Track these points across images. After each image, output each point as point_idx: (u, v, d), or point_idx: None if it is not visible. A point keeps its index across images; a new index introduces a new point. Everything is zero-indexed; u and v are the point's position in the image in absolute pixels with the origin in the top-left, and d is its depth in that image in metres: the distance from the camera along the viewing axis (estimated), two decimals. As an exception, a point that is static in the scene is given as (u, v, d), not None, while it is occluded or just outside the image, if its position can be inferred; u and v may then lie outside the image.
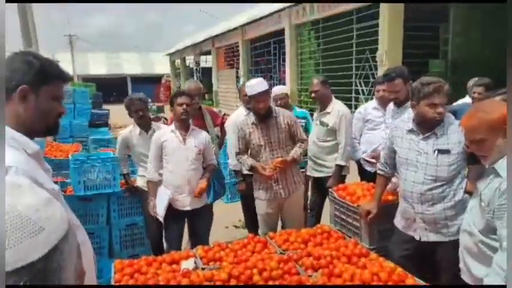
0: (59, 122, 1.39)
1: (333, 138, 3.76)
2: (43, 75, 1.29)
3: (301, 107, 6.59)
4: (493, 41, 7.80)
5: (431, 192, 2.42)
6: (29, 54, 1.32)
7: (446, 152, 2.38)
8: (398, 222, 2.67)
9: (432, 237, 2.48)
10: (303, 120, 4.19)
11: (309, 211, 4.09)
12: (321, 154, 3.83)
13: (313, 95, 3.84)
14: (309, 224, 3.71)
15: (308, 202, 4.14)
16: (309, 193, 4.21)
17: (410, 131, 2.52)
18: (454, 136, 2.39)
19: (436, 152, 2.40)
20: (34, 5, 8.22)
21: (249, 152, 3.37)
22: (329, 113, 3.75)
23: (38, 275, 0.44)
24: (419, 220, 2.50)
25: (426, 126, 2.44)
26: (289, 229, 2.97)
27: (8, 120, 1.24)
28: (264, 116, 3.24)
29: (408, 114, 2.74)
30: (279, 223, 3.58)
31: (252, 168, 3.29)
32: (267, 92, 3.22)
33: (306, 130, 4.06)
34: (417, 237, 2.53)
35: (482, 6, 8.04)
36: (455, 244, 2.25)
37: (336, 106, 3.78)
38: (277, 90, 4.24)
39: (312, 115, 4.41)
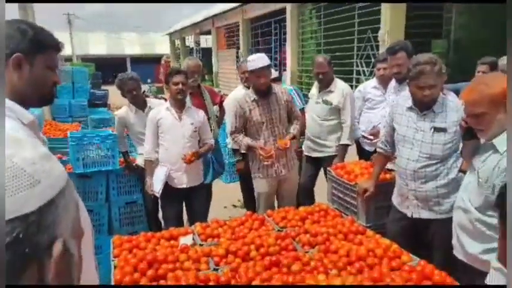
0: (54, 91, 1.38)
1: (335, 117, 3.68)
2: (37, 44, 1.27)
3: (301, 89, 6.55)
4: (495, 21, 7.69)
5: (424, 170, 2.44)
6: (22, 22, 1.29)
7: (443, 130, 2.37)
8: (395, 198, 2.70)
9: (424, 214, 2.51)
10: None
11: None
12: (322, 134, 3.75)
13: (320, 76, 3.67)
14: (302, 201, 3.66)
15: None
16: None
17: (410, 108, 2.51)
18: (452, 114, 2.38)
19: (432, 129, 2.40)
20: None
21: (242, 132, 3.34)
22: (332, 91, 3.67)
23: (31, 227, 0.44)
24: (411, 197, 2.52)
25: (423, 104, 2.43)
26: (286, 207, 2.99)
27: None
28: (264, 92, 3.22)
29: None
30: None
31: (248, 149, 3.28)
32: (268, 68, 3.21)
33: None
34: (409, 214, 2.56)
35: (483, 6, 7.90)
36: (447, 222, 2.27)
37: (339, 85, 3.71)
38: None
39: (306, 96, 4.32)
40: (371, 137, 3.55)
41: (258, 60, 3.15)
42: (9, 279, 0.43)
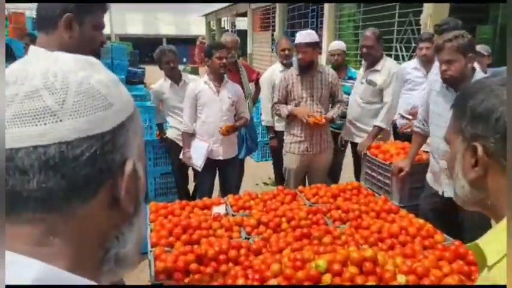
0: (100, 51, 1.43)
1: (379, 99, 3.42)
2: (86, 4, 1.32)
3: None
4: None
5: None
6: None
7: None
8: (428, 176, 2.67)
9: None
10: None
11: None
12: (363, 117, 3.52)
13: (364, 49, 3.44)
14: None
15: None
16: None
17: (447, 87, 2.46)
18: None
19: None
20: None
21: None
22: (378, 70, 3.40)
23: (106, 146, 0.47)
24: (443, 176, 2.50)
25: (452, 85, 2.38)
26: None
27: (53, 47, 1.29)
28: (304, 68, 3.23)
29: None
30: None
31: (287, 117, 3.27)
32: (310, 45, 3.18)
33: None
34: (440, 192, 2.54)
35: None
36: None
37: (388, 63, 3.43)
38: (335, 45, 3.95)
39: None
40: (409, 117, 3.44)
41: (303, 36, 3.18)
42: (87, 193, 0.47)
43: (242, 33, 22.52)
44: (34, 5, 1.45)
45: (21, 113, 0.44)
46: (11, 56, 5.73)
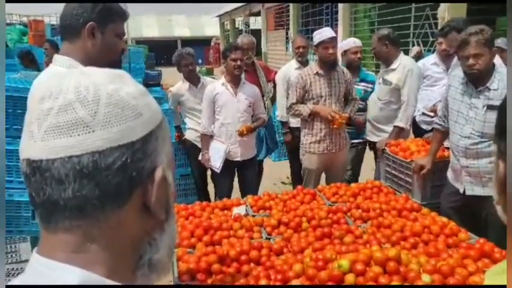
0: (122, 58, 1.47)
1: (397, 99, 3.35)
2: (108, 13, 1.36)
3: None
4: None
5: (476, 146, 2.38)
6: None
7: (497, 108, 2.26)
8: (449, 173, 2.64)
9: (478, 191, 2.44)
10: (370, 85, 3.79)
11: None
12: (381, 119, 3.49)
13: (372, 54, 3.50)
14: None
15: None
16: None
17: (466, 83, 2.43)
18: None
19: (485, 107, 2.32)
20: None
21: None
22: (393, 69, 3.36)
23: (137, 154, 0.49)
24: (464, 173, 2.47)
25: (477, 79, 2.34)
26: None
27: (76, 55, 1.33)
28: (331, 65, 3.22)
29: None
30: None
31: (309, 115, 3.24)
32: (335, 40, 3.21)
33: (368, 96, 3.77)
34: (461, 190, 2.51)
35: None
36: None
37: (403, 61, 3.38)
38: (351, 43, 3.79)
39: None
40: (431, 114, 3.39)
41: (326, 31, 3.18)
42: (119, 200, 0.48)
43: (256, 33, 22.53)
44: (52, 11, 1.49)
45: (56, 126, 0.46)
46: (34, 63, 5.88)
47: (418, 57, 6.37)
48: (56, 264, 0.46)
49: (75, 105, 0.47)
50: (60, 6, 1.41)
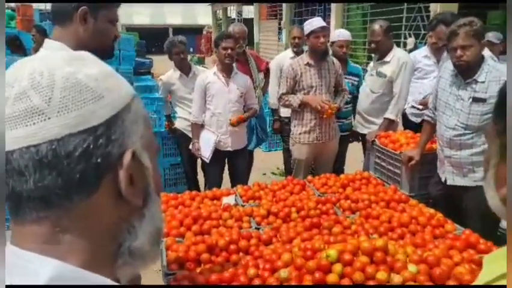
0: (114, 45, 1.44)
1: (390, 91, 3.37)
2: None
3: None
4: None
5: (460, 138, 2.43)
6: None
7: (482, 100, 2.31)
8: (437, 162, 2.70)
9: (459, 181, 2.51)
10: (356, 78, 3.83)
11: None
12: (373, 110, 3.49)
13: (372, 45, 3.40)
14: None
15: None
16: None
17: (455, 75, 2.46)
18: (493, 85, 2.28)
19: (471, 99, 2.36)
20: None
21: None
22: (388, 62, 3.36)
23: (100, 139, 0.47)
24: (447, 163, 2.54)
25: (465, 71, 2.38)
26: (322, 174, 2.99)
27: (68, 40, 1.30)
28: (321, 55, 3.21)
29: None
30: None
31: (299, 106, 3.24)
32: (326, 29, 3.21)
33: (358, 89, 3.78)
34: (443, 179, 2.58)
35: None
36: (482, 190, 2.21)
37: (397, 53, 3.38)
38: (340, 35, 3.76)
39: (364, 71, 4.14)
40: (420, 107, 3.42)
41: (317, 21, 3.19)
42: (87, 188, 0.47)
43: (249, 22, 22.38)
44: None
45: (13, 116, 0.44)
46: (21, 48, 5.77)
47: (415, 48, 6.42)
48: (32, 255, 0.45)
49: (29, 93, 0.45)
50: None
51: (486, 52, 2.57)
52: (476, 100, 2.35)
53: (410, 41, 7.84)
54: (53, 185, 0.45)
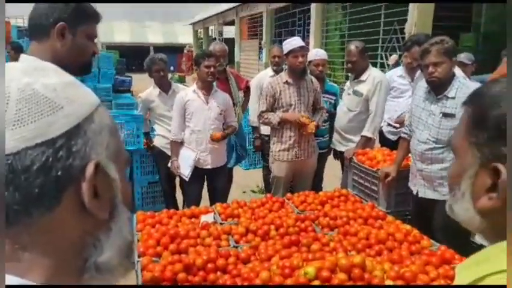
0: (92, 61, 1.43)
1: (366, 109, 3.42)
2: (80, 14, 1.33)
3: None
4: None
5: (430, 152, 2.53)
6: None
7: (451, 116, 2.40)
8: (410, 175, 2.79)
9: (430, 195, 2.59)
10: (333, 97, 3.90)
11: None
12: (350, 128, 3.54)
13: (349, 65, 3.50)
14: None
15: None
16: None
17: (428, 91, 2.56)
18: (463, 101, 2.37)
19: (441, 115, 2.46)
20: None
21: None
22: (363, 81, 3.44)
23: (60, 151, 0.45)
24: (419, 176, 2.62)
25: (437, 87, 2.48)
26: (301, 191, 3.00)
27: (44, 56, 1.28)
28: (300, 74, 3.25)
29: None
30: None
31: (279, 123, 3.26)
32: (305, 49, 3.27)
33: (335, 108, 3.85)
34: (414, 192, 2.67)
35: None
36: None
37: (373, 73, 3.47)
38: (317, 54, 3.83)
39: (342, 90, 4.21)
40: (397, 125, 3.49)
41: (295, 40, 3.25)
42: (47, 203, 0.45)
43: (230, 42, 22.63)
44: (19, 13, 1.44)
45: None
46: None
47: (396, 64, 6.61)
48: None
49: None
50: (29, 7, 1.37)
51: (458, 72, 2.67)
52: (446, 115, 2.44)
53: (393, 58, 8.09)
54: (11, 201, 0.43)
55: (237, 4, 18.67)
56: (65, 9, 1.30)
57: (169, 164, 3.41)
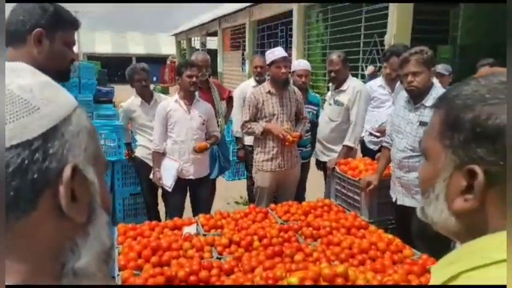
0: (70, 68, 1.41)
1: (347, 119, 3.46)
2: (58, 20, 1.31)
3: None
4: (503, 26, 7.69)
5: (408, 160, 2.58)
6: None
7: (427, 124, 2.43)
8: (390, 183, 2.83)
9: (407, 202, 2.64)
10: (315, 107, 3.94)
11: None
12: (332, 138, 3.57)
13: (332, 74, 3.50)
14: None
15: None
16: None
17: (408, 101, 2.62)
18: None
19: (418, 123, 2.52)
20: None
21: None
22: (344, 90, 3.48)
23: (36, 153, 0.44)
24: (397, 184, 2.67)
25: (415, 96, 2.54)
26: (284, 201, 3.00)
27: (20, 62, 1.25)
28: (282, 84, 3.27)
29: None
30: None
31: (262, 133, 3.26)
32: (288, 59, 3.30)
33: (317, 118, 3.88)
34: (394, 199, 2.72)
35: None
36: None
37: (353, 83, 3.51)
38: (300, 64, 3.88)
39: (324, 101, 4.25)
40: (378, 134, 3.54)
41: (278, 51, 3.28)
42: (23, 206, 0.43)
43: (212, 53, 22.69)
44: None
45: None
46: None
47: (373, 75, 6.73)
48: None
49: None
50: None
51: (435, 82, 2.73)
52: (422, 124, 2.49)
53: (370, 68, 8.26)
54: None
55: (219, 15, 18.81)
56: (42, 16, 1.28)
57: (151, 175, 3.37)
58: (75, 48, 1.49)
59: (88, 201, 0.49)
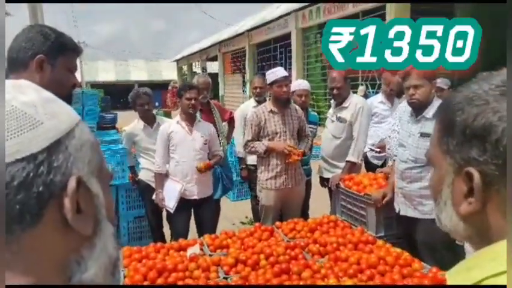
0: (73, 93, 1.43)
1: (351, 135, 3.47)
2: (59, 46, 1.33)
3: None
4: (498, 44, 7.77)
5: (410, 171, 2.61)
6: (44, 26, 1.37)
7: (428, 135, 2.46)
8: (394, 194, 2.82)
9: (410, 213, 2.65)
10: (314, 126, 3.98)
11: None
12: (336, 155, 3.57)
13: (334, 91, 3.51)
14: None
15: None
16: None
17: (411, 114, 2.66)
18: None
19: (419, 134, 2.55)
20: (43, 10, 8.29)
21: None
22: (346, 107, 3.50)
23: (41, 167, 0.45)
24: (400, 195, 2.68)
25: (417, 109, 2.58)
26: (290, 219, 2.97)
27: None
28: (284, 103, 3.30)
29: None
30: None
31: (265, 152, 3.26)
32: (289, 79, 3.34)
33: (315, 136, 3.91)
34: (397, 210, 2.73)
35: (489, 7, 8.02)
36: (430, 223, 2.29)
37: (354, 99, 3.55)
38: (301, 84, 3.93)
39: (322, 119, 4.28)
40: (377, 149, 3.54)
41: (279, 71, 3.31)
42: (31, 218, 0.44)
43: (214, 76, 23.00)
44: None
45: None
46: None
47: (365, 95, 6.82)
48: None
49: None
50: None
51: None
52: (423, 135, 2.53)
53: (361, 89, 8.34)
54: None
55: (219, 41, 19.13)
56: (44, 42, 1.31)
57: (154, 197, 3.36)
58: (78, 76, 1.51)
59: (93, 213, 0.50)
